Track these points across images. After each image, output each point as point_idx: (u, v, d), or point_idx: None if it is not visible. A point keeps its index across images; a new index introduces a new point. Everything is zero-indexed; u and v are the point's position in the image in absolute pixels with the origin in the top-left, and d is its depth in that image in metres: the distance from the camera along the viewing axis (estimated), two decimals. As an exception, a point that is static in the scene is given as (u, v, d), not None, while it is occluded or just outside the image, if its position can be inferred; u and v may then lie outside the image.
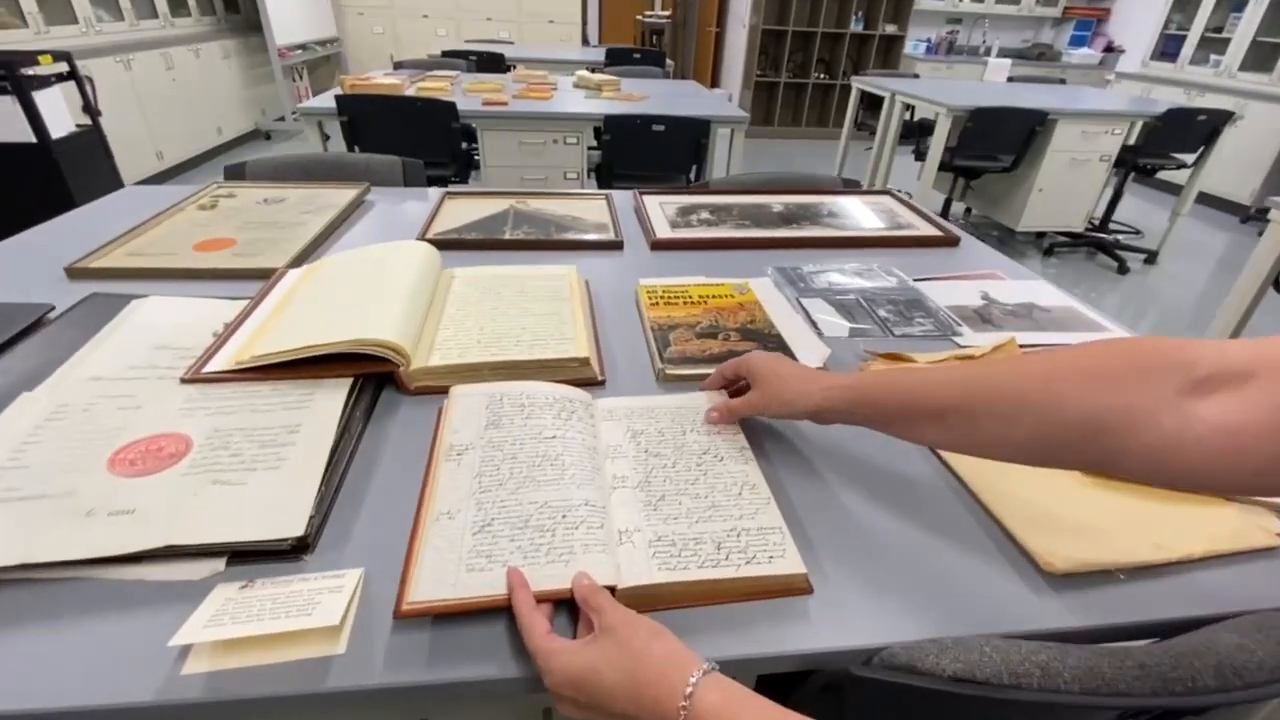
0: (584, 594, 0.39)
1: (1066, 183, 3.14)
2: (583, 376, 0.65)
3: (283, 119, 4.93)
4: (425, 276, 0.74)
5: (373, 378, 0.62)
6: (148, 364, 0.62)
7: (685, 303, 0.79)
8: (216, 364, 0.61)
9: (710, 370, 0.62)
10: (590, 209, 1.14)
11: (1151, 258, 3.36)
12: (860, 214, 1.18)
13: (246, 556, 0.45)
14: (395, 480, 0.52)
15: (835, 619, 0.43)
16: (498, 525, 0.45)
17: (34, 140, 2.64)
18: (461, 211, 1.10)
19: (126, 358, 0.62)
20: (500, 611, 0.41)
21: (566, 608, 0.42)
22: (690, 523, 0.46)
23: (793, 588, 0.44)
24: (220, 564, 0.44)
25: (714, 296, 0.80)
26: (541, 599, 0.40)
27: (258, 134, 4.86)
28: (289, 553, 0.45)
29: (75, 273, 0.83)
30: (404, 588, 0.41)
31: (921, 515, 0.52)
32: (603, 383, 0.66)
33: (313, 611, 0.39)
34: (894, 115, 3.41)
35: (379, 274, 0.73)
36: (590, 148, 2.35)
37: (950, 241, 1.09)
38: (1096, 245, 3.41)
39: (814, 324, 0.79)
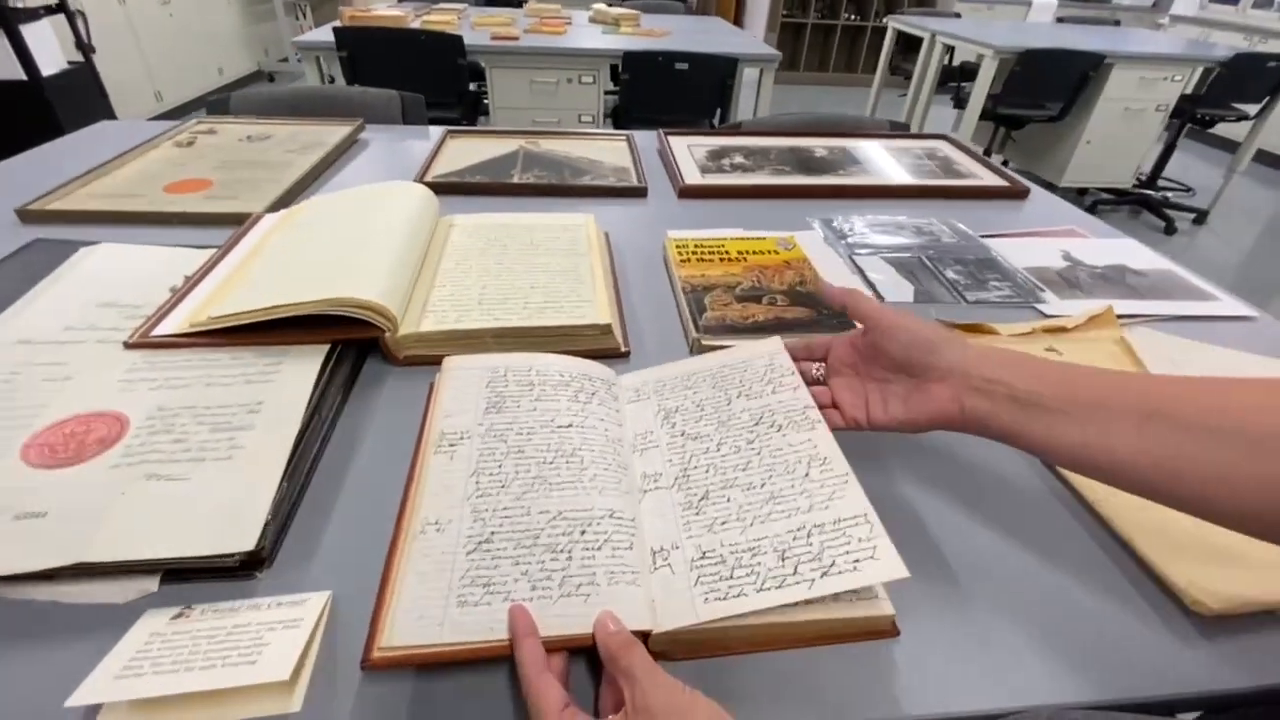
0: (612, 650, 0.29)
1: (1118, 134, 2.92)
2: (603, 347, 0.54)
3: (286, 60, 4.73)
4: (419, 225, 0.64)
5: (353, 344, 0.52)
6: (88, 324, 0.52)
7: (722, 259, 0.68)
8: (168, 326, 0.51)
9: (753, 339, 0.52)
10: (609, 151, 1.01)
11: (1201, 217, 3.16)
12: (913, 161, 1.04)
13: (185, 573, 0.36)
14: (377, 474, 0.43)
15: (924, 671, 0.34)
16: (499, 542, 0.35)
17: (24, 78, 2.51)
18: (465, 152, 0.98)
19: (64, 317, 0.53)
20: (501, 660, 0.31)
21: (585, 654, 0.33)
22: (743, 527, 0.36)
23: (875, 630, 0.34)
24: (152, 583, 0.35)
25: (755, 252, 0.69)
26: (553, 647, 0.31)
27: (260, 75, 4.67)
28: (238, 569, 0.36)
29: (28, 215, 0.73)
30: (376, 626, 0.32)
31: (1025, 533, 0.41)
32: (627, 354, 0.55)
33: (259, 657, 0.31)
34: (933, 58, 3.18)
35: (364, 221, 0.62)
36: (607, 92, 2.19)
37: (1018, 193, 0.96)
38: (1142, 203, 3.20)
39: (872, 286, 0.68)
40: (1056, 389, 0.35)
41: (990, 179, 0.99)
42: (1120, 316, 0.63)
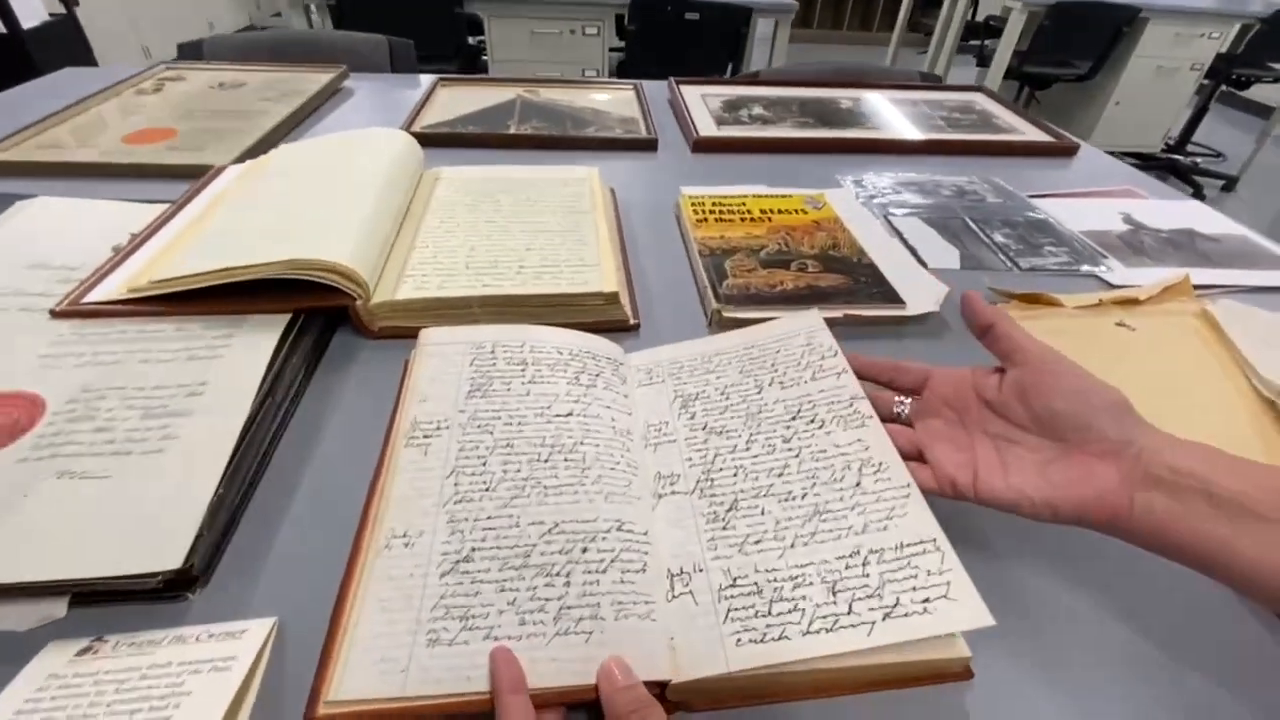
0: (620, 711, 0.23)
1: (1149, 95, 2.78)
2: (609, 319, 0.47)
3: (279, 14, 4.55)
4: (398, 176, 0.56)
5: (319, 314, 0.45)
6: (13, 289, 0.45)
7: (744, 219, 0.60)
8: (104, 291, 0.44)
9: (786, 311, 0.44)
10: (615, 101, 0.92)
11: (1230, 184, 3.03)
12: (947, 114, 0.95)
13: (101, 594, 0.29)
14: (342, 471, 0.36)
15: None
16: (481, 561, 0.29)
17: (3, 31, 2.40)
18: (457, 102, 0.89)
19: (-15, 280, 0.46)
20: (481, 718, 0.25)
21: (586, 708, 0.27)
22: (781, 549, 0.30)
23: (943, 673, 0.28)
24: (59, 607, 0.29)
25: (780, 211, 0.61)
26: (546, 700, 0.24)
27: (252, 29, 4.49)
28: (162, 590, 0.29)
29: (-33, 168, 0.66)
30: (324, 672, 0.25)
31: (1115, 552, 0.35)
32: (636, 328, 0.48)
33: (176, 712, 0.24)
34: (956, 12, 3.01)
35: (336, 172, 0.55)
36: (611, 49, 2.07)
37: (1065, 150, 0.87)
38: (1169, 168, 3.07)
39: (913, 250, 0.60)
40: (1265, 492, 0.25)
41: (1034, 134, 0.90)
42: (1197, 287, 0.56)
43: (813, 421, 0.35)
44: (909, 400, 0.36)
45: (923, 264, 0.58)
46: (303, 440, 0.38)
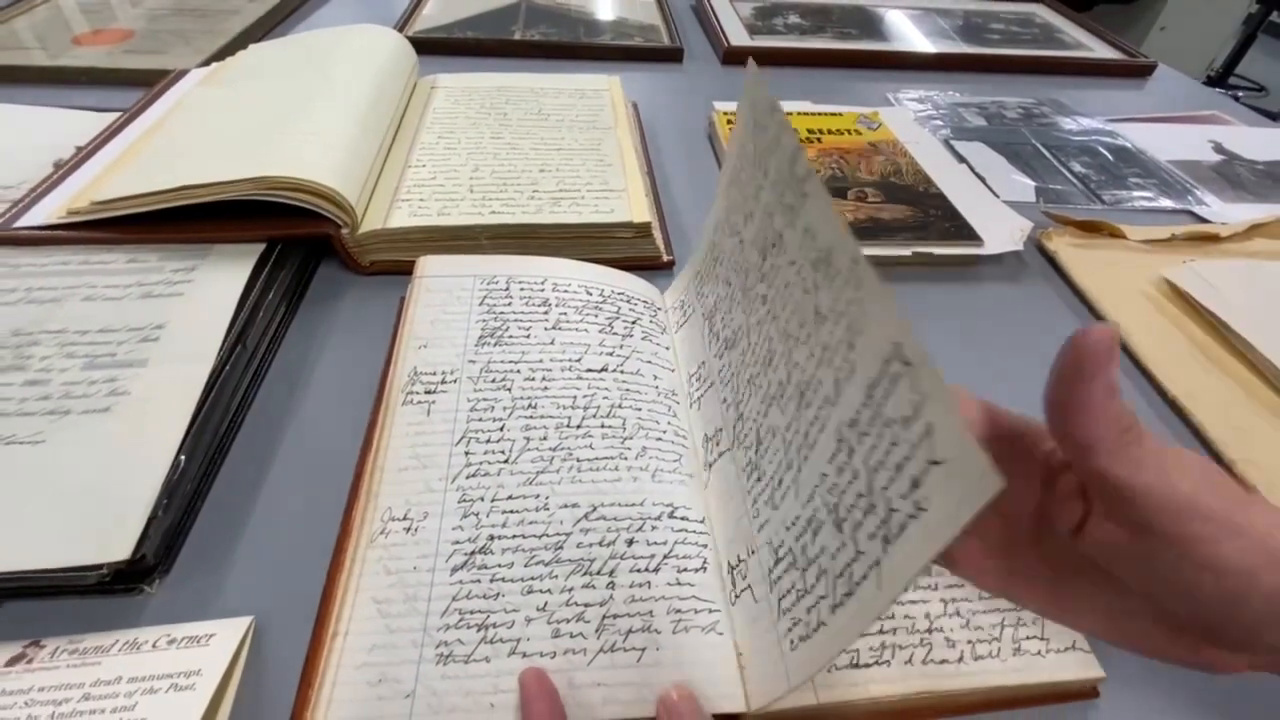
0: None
1: (1197, 20, 2.57)
2: (639, 255, 0.40)
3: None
4: (390, 82, 0.48)
5: (299, 245, 0.38)
6: (-68, 210, 0.38)
7: (788, 140, 0.52)
8: (41, 214, 0.37)
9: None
10: (633, 6, 0.81)
11: (1273, 120, 2.86)
12: (1004, 28, 0.84)
13: (34, 589, 0.24)
14: (329, 434, 0.30)
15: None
16: (501, 553, 0.23)
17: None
18: (453, 4, 0.78)
19: (-101, 198, 0.39)
20: (506, 753, 0.20)
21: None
22: (794, 481, 0.21)
23: (1066, 693, 0.23)
24: (-16, 602, 0.24)
25: (831, 131, 0.53)
26: (589, 737, 0.19)
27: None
28: (111, 584, 0.24)
29: (-108, 70, 0.57)
30: (307, 693, 0.20)
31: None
32: (670, 265, 0.41)
33: (121, 746, 0.19)
34: (993, -77, 2.76)
35: (315, 76, 0.46)
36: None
37: (1139, 70, 0.77)
38: (1208, 102, 2.90)
39: (981, 179, 0.52)
40: None
41: (1104, 51, 0.80)
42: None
43: (776, 245, 0.22)
44: None
45: (995, 194, 0.50)
46: (282, 396, 0.32)
